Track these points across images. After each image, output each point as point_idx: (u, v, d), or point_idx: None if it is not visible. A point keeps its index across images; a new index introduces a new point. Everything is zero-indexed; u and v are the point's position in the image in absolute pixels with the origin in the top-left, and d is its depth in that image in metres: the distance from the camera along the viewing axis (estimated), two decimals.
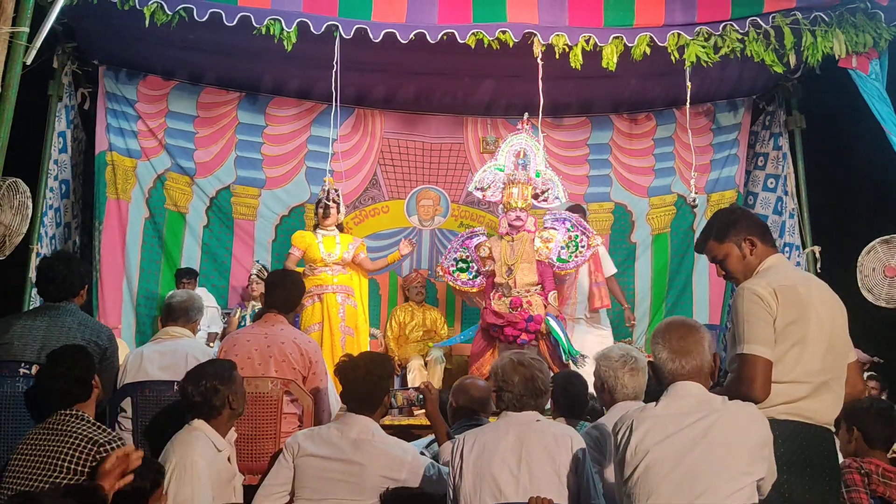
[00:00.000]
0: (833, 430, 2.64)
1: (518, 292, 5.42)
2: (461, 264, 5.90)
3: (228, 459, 3.06)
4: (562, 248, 5.78)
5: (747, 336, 2.54)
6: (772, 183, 7.50)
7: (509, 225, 5.60)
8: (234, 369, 3.14)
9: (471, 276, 5.84)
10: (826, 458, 2.58)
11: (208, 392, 2.99)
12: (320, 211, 5.80)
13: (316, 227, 5.87)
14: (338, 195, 5.92)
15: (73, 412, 2.83)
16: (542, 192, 5.74)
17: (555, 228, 5.78)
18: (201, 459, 2.82)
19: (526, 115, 5.89)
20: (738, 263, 2.77)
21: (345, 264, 5.73)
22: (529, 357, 2.89)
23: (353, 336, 5.58)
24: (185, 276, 6.87)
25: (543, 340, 5.46)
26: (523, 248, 5.53)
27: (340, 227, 5.94)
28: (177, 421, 3.45)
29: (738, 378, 2.52)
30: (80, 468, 2.66)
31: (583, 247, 5.77)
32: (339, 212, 5.87)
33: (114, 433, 2.84)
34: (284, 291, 3.88)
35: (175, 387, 3.59)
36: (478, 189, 5.87)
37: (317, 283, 5.62)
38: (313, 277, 5.63)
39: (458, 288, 5.90)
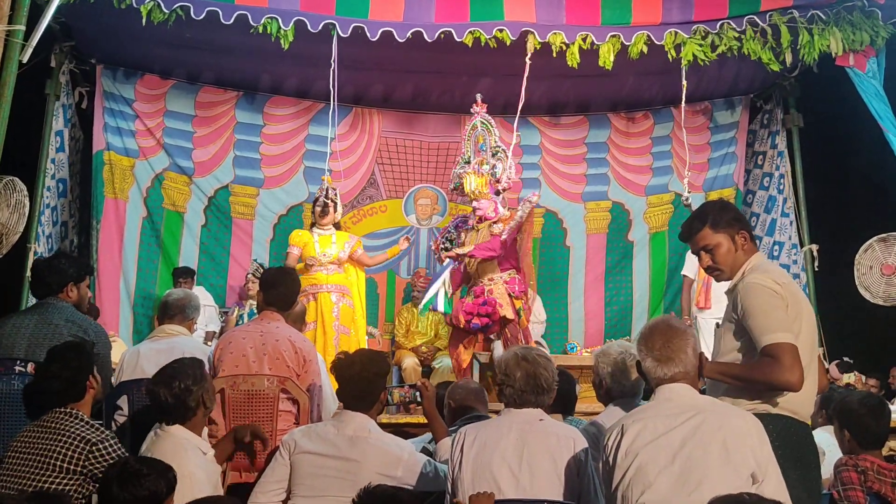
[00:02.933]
0: (809, 424, 2.70)
1: (482, 281, 5.40)
2: (447, 242, 5.80)
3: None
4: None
5: (772, 325, 2.52)
6: (767, 181, 7.52)
7: (475, 215, 5.61)
8: (204, 367, 3.04)
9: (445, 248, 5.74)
10: (812, 452, 2.64)
11: (183, 394, 2.83)
12: (318, 209, 5.78)
13: (312, 225, 5.86)
14: (336, 194, 5.91)
15: (68, 411, 2.81)
16: (499, 177, 5.69)
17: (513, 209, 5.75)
18: (198, 470, 2.77)
19: (479, 97, 5.84)
20: (727, 255, 2.76)
21: (340, 263, 5.72)
22: (535, 353, 2.84)
23: (349, 335, 5.58)
24: (183, 276, 6.86)
25: (507, 328, 5.42)
26: (482, 236, 5.52)
27: (337, 226, 5.93)
28: None
29: (774, 368, 2.48)
30: (72, 467, 2.66)
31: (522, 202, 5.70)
32: (336, 211, 5.86)
33: (107, 432, 2.83)
34: (282, 289, 3.85)
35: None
36: (453, 191, 5.89)
37: (312, 283, 5.61)
38: (308, 276, 5.62)
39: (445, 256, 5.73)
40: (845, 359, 6.29)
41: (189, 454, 2.79)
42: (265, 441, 3.29)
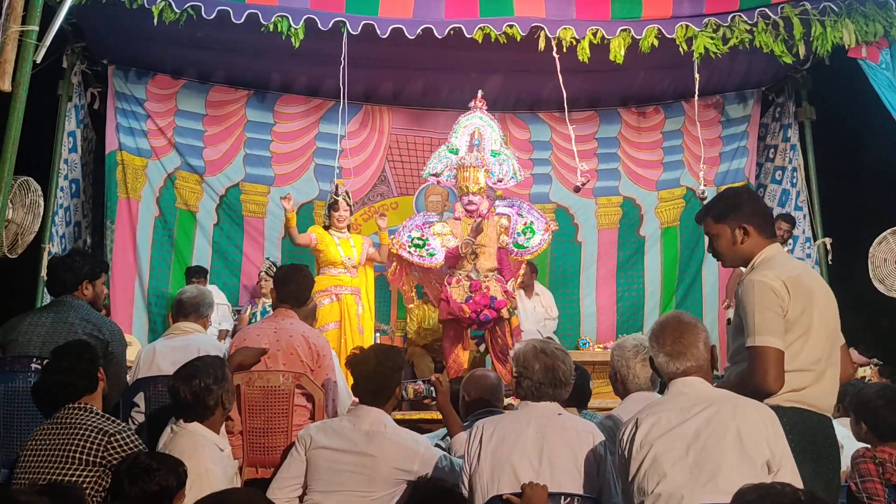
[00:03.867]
0: (831, 416, 2.67)
1: (478, 276, 5.40)
2: (417, 241, 5.77)
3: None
4: (518, 234, 5.74)
5: (758, 327, 2.53)
6: (779, 175, 7.48)
7: (464, 209, 5.60)
8: (226, 367, 3.03)
9: (428, 253, 5.72)
10: (829, 445, 2.62)
11: (202, 392, 2.82)
12: (332, 209, 5.75)
13: (327, 227, 5.84)
14: (348, 196, 5.92)
15: (81, 405, 2.83)
16: (501, 177, 5.70)
17: (507, 215, 5.75)
18: (215, 466, 2.77)
19: (480, 93, 5.84)
20: (727, 247, 2.79)
21: (358, 267, 5.77)
22: (553, 346, 2.85)
23: (363, 333, 5.64)
24: (196, 275, 6.89)
25: (499, 326, 5.44)
26: (486, 232, 5.51)
27: (348, 228, 5.93)
28: None
29: (751, 371, 2.51)
30: (91, 458, 2.67)
31: (539, 231, 5.75)
32: (351, 213, 5.89)
33: (123, 424, 2.85)
34: (295, 286, 3.87)
35: None
36: (432, 175, 5.86)
37: (336, 284, 5.64)
38: (332, 277, 5.64)
39: (414, 262, 5.78)
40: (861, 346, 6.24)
41: (206, 451, 2.80)
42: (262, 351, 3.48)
